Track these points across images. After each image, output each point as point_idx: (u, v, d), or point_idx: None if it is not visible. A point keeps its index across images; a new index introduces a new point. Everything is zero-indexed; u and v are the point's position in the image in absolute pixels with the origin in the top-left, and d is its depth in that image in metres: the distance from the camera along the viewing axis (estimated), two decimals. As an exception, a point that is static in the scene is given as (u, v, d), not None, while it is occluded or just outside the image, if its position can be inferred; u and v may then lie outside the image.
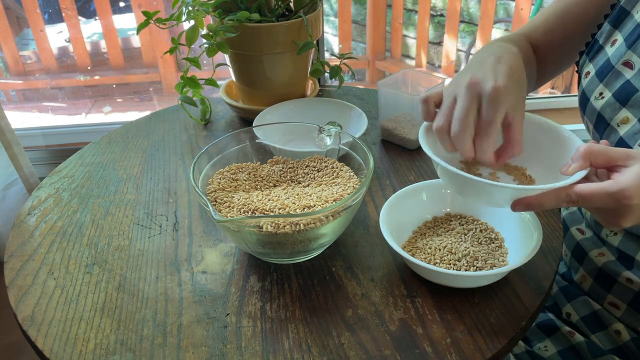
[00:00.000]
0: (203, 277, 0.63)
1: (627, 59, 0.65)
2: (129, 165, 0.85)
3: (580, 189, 0.50)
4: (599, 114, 0.67)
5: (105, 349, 0.55)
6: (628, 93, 0.64)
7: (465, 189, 0.60)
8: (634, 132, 0.63)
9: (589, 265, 0.73)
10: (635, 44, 0.65)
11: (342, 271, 0.63)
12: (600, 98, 0.67)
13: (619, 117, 0.65)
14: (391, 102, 0.86)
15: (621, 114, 0.64)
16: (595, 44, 0.72)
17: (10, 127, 1.32)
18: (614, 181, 0.49)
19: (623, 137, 0.64)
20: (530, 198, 0.52)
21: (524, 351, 0.71)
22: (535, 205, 0.53)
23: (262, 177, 0.70)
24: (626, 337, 0.69)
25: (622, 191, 0.48)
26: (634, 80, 0.64)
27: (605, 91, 0.67)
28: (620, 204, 0.48)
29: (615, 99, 0.65)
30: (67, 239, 0.70)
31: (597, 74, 0.69)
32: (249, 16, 0.84)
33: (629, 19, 0.67)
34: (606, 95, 0.67)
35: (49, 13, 2.50)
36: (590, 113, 0.69)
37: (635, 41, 0.65)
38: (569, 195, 0.50)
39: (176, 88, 0.91)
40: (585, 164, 0.52)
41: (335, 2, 3.03)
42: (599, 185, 0.49)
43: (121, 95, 2.57)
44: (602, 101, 0.67)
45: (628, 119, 0.64)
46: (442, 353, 0.53)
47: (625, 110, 0.64)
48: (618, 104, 0.65)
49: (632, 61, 0.65)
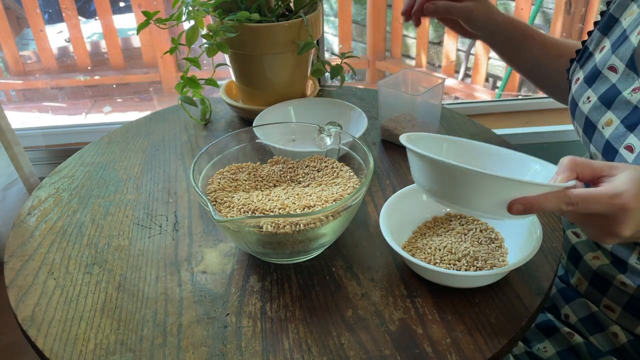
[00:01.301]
0: (203, 277, 0.63)
1: (611, 63, 0.67)
2: (129, 165, 0.85)
3: (580, 191, 0.49)
4: (587, 118, 0.68)
5: (105, 349, 0.55)
6: (612, 96, 0.65)
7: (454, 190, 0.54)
8: (619, 134, 0.63)
9: (584, 269, 0.73)
10: (619, 48, 0.66)
11: (342, 271, 0.64)
12: (588, 102, 0.68)
13: (603, 119, 0.65)
14: (391, 102, 0.86)
15: (606, 117, 0.65)
16: (585, 51, 0.73)
17: (10, 127, 1.32)
18: (611, 186, 0.48)
19: (609, 139, 0.64)
20: (530, 198, 0.49)
21: (524, 352, 0.71)
22: (535, 206, 0.49)
23: (262, 177, 0.70)
24: (623, 339, 0.69)
25: (620, 195, 0.47)
26: (618, 84, 0.65)
27: (592, 95, 0.68)
28: (619, 208, 0.47)
29: (600, 102, 0.66)
30: (67, 239, 0.70)
31: (586, 80, 0.70)
32: (249, 16, 0.84)
33: (616, 25, 0.69)
34: (592, 99, 0.67)
35: (49, 13, 2.50)
36: (579, 117, 0.70)
37: (619, 46, 0.66)
38: (568, 197, 0.48)
39: (176, 88, 0.91)
40: (572, 175, 0.51)
41: (335, 2, 3.03)
42: (599, 189, 0.48)
43: (121, 95, 2.57)
44: (589, 105, 0.68)
45: (612, 121, 0.64)
46: (442, 353, 0.53)
47: (610, 113, 0.65)
48: (603, 107, 0.66)
49: (615, 65, 0.66)
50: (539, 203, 0.49)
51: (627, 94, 0.63)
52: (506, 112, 1.71)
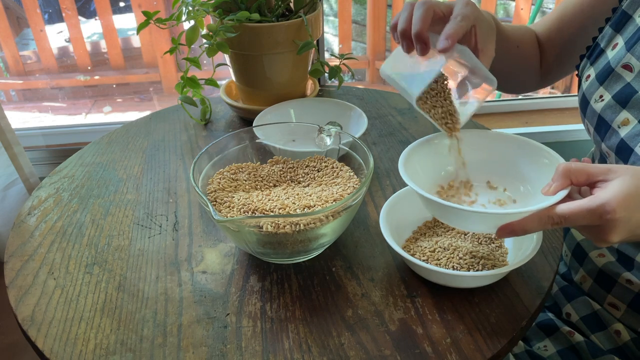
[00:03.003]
0: (203, 277, 0.63)
1: (626, 61, 0.66)
2: (129, 165, 0.85)
3: (561, 209, 0.49)
4: (600, 117, 0.67)
5: (105, 349, 0.55)
6: (628, 95, 0.64)
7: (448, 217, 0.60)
8: (635, 133, 0.63)
9: (589, 266, 0.73)
10: (635, 46, 0.65)
11: (342, 271, 0.63)
12: (600, 100, 0.67)
13: (619, 119, 0.65)
14: None
15: (621, 116, 0.64)
16: (596, 48, 0.72)
17: (10, 127, 1.32)
18: (595, 197, 0.48)
19: (624, 138, 0.64)
20: (513, 224, 0.51)
21: (524, 351, 0.71)
22: (519, 231, 0.51)
23: (262, 177, 0.70)
24: (626, 337, 0.69)
25: (602, 206, 0.47)
26: (633, 83, 0.64)
27: (605, 94, 0.67)
28: (603, 219, 0.47)
29: (615, 101, 0.65)
30: (67, 239, 0.70)
31: (597, 77, 0.69)
32: (249, 16, 0.84)
33: (630, 22, 0.68)
34: (606, 97, 0.67)
35: (49, 13, 2.50)
36: (590, 116, 0.69)
37: (634, 44, 0.65)
38: (551, 218, 0.49)
39: (176, 88, 0.91)
40: (566, 183, 0.51)
41: (335, 2, 3.03)
42: (579, 203, 0.48)
43: (121, 95, 2.57)
44: (602, 103, 0.67)
45: (628, 121, 0.64)
46: (442, 353, 0.53)
47: (626, 112, 0.64)
48: (618, 106, 0.65)
49: (631, 64, 0.65)
50: (523, 228, 0.51)
51: None
52: (506, 112, 1.72)
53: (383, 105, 1.01)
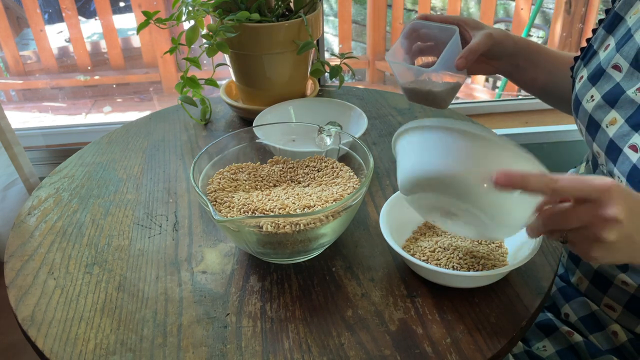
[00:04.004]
0: (203, 277, 0.63)
1: (616, 62, 0.66)
2: (129, 165, 0.85)
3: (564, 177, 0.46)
4: (590, 116, 0.68)
5: (105, 349, 0.55)
6: (616, 95, 0.65)
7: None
8: (623, 133, 0.63)
9: (585, 268, 0.73)
10: (624, 47, 0.65)
11: (342, 271, 0.64)
12: (592, 101, 0.68)
13: (607, 118, 0.65)
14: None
15: (610, 115, 0.65)
16: (590, 49, 0.73)
17: (10, 127, 1.32)
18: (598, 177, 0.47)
19: (613, 138, 0.64)
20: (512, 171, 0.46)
21: (523, 351, 0.71)
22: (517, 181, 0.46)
23: (262, 177, 0.70)
24: (623, 338, 0.69)
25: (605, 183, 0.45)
26: (622, 83, 0.65)
27: (596, 94, 0.68)
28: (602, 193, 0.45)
29: (604, 101, 0.66)
30: (67, 239, 0.70)
31: (590, 78, 0.70)
32: (249, 16, 0.84)
33: (621, 23, 0.68)
34: (596, 97, 0.67)
35: (49, 13, 2.50)
36: (582, 116, 0.70)
37: (624, 44, 0.65)
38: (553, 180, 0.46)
39: (176, 88, 0.91)
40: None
41: (335, 2, 3.03)
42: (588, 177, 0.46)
43: (121, 95, 2.57)
44: (592, 103, 0.68)
45: (616, 120, 0.64)
46: (442, 353, 0.53)
47: (614, 112, 0.65)
48: (607, 106, 0.66)
49: (620, 64, 0.66)
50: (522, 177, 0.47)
51: (632, 93, 0.63)
52: (506, 112, 1.71)
53: (383, 105, 1.01)
